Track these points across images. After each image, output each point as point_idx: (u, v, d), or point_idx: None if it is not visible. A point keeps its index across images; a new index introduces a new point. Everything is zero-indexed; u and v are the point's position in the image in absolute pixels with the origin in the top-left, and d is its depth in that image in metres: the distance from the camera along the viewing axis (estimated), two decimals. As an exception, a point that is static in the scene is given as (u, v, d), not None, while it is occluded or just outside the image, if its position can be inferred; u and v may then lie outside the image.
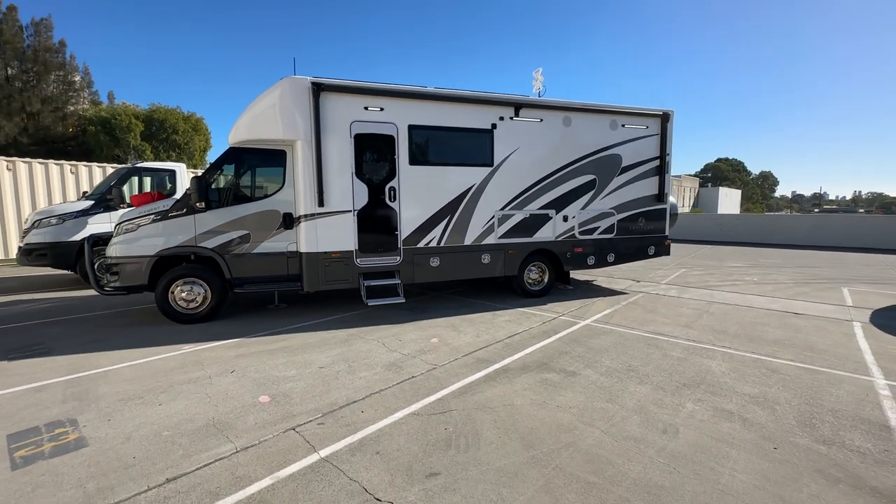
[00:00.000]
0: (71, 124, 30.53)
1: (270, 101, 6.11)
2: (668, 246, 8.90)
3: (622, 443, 3.05)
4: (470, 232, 7.19)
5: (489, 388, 3.98)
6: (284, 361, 4.64)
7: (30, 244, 8.60)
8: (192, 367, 4.45)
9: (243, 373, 4.31)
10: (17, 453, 2.89)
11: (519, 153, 7.39)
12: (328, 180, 6.23)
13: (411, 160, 6.71)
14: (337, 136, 6.25)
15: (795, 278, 10.38)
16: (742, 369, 4.47)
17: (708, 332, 5.84)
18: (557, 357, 4.82)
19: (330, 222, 6.32)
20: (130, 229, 5.91)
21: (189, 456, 2.85)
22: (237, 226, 6.14)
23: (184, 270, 5.99)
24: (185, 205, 5.95)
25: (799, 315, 6.77)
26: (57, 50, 27.93)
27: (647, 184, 8.43)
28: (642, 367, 4.54)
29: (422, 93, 6.71)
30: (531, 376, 4.27)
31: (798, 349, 5.12)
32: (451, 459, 2.84)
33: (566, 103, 7.66)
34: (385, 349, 5.06)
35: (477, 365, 4.56)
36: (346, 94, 6.25)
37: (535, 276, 7.99)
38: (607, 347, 5.17)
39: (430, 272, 7.01)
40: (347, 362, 4.62)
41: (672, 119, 8.47)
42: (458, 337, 5.56)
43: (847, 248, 18.05)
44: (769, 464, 2.81)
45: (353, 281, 6.56)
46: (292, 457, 2.84)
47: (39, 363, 4.61)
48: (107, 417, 3.38)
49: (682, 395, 3.84)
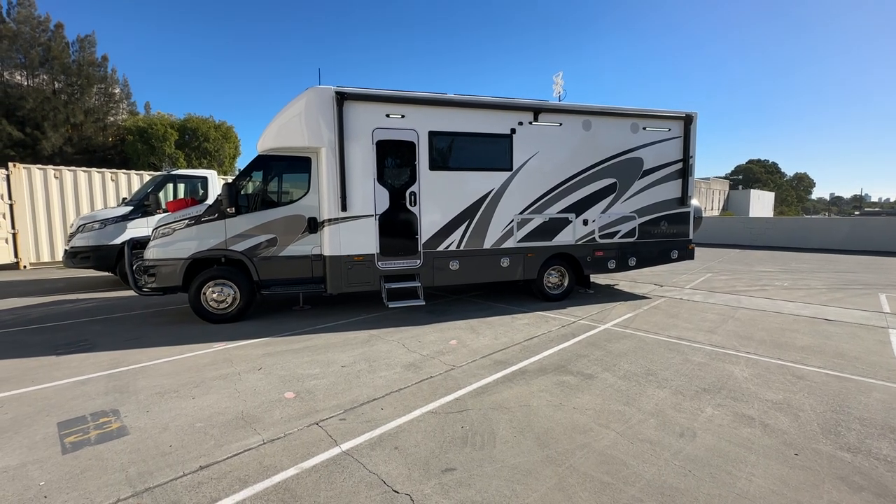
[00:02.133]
0: (111, 134, 32.09)
1: (296, 111, 6.37)
2: (692, 250, 8.74)
3: (637, 445, 3.07)
4: (489, 236, 7.27)
5: (506, 389, 4.05)
6: (309, 360, 4.83)
7: (75, 247, 9.18)
8: (222, 364, 4.69)
9: (270, 370, 4.52)
10: (67, 439, 3.14)
11: (538, 157, 7.43)
12: (351, 186, 6.43)
13: (431, 165, 6.85)
14: (360, 143, 6.45)
15: (830, 284, 9.99)
16: (766, 375, 4.39)
17: (732, 337, 5.73)
18: (575, 360, 4.84)
19: (353, 226, 6.52)
20: (167, 233, 6.26)
21: (220, 446, 3.03)
22: (265, 230, 6.41)
23: (215, 272, 6.30)
24: (216, 210, 6.26)
25: (831, 322, 6.55)
26: (99, 64, 29.50)
27: (669, 187, 8.32)
28: (661, 371, 4.51)
29: (442, 99, 6.85)
30: (548, 378, 4.31)
31: (827, 356, 4.97)
32: (466, 456, 2.92)
33: (586, 107, 7.66)
34: (405, 350, 5.19)
35: (494, 366, 4.63)
36: (369, 102, 6.46)
37: (555, 279, 7.99)
38: (626, 351, 5.14)
39: (449, 275, 7.12)
40: (368, 362, 4.76)
41: (695, 121, 8.34)
42: (477, 339, 5.64)
43: (888, 252, 17.19)
44: (789, 469, 2.78)
45: (374, 283, 6.73)
46: (315, 449, 2.99)
47: (84, 358, 4.94)
48: (145, 409, 3.62)
49: (702, 400, 3.81)
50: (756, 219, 24.24)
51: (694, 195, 8.65)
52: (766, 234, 20.23)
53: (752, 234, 20.42)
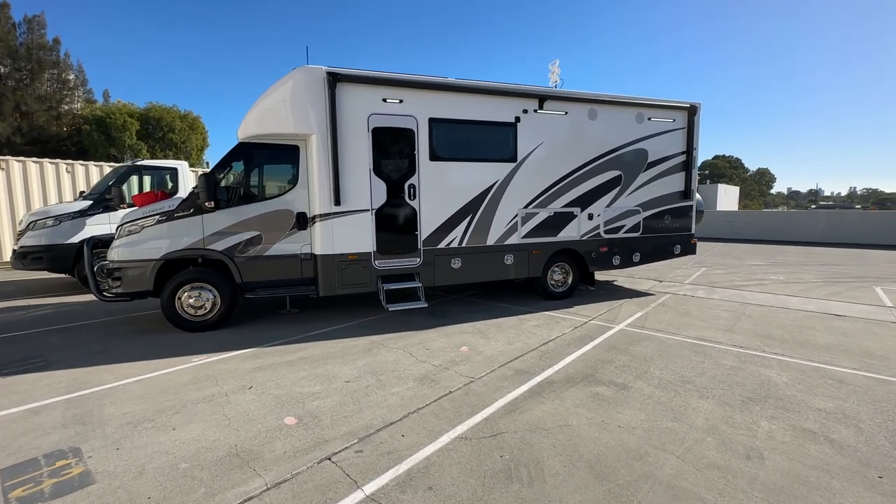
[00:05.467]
0: (66, 123, 29.97)
1: (282, 94, 5.70)
2: (694, 245, 8.56)
3: (705, 472, 2.68)
4: (493, 231, 6.81)
5: (537, 404, 3.60)
6: (306, 375, 4.25)
7: (24, 247, 8.16)
8: (205, 383, 4.06)
9: (263, 388, 3.92)
10: (13, 494, 2.49)
11: (543, 148, 7.00)
12: (344, 177, 5.83)
13: (432, 156, 6.31)
14: (354, 130, 5.85)
15: (822, 277, 10.04)
16: (805, 380, 4.11)
17: (753, 336, 5.48)
18: (601, 367, 4.45)
19: (347, 222, 5.92)
20: (134, 231, 5.50)
21: (213, 495, 2.46)
22: (248, 226, 5.74)
23: (191, 275, 5.58)
24: (192, 204, 5.54)
25: (840, 317, 6.43)
26: (51, 48, 27.35)
27: (673, 179, 8.07)
28: (697, 378, 4.17)
29: (443, 84, 6.31)
30: (580, 390, 3.89)
31: (855, 356, 4.77)
32: (515, 496, 2.46)
33: (592, 95, 7.28)
34: (413, 359, 4.68)
35: (517, 377, 4.18)
36: (364, 84, 5.85)
37: (559, 277, 7.61)
38: (652, 355, 4.79)
39: (451, 274, 6.62)
40: (375, 375, 4.23)
41: (699, 112, 8.10)
42: (489, 345, 5.18)
43: (865, 244, 17.74)
44: (882, 498, 2.45)
45: (370, 284, 6.17)
46: (333, 495, 2.46)
47: (37, 379, 4.20)
48: (115, 446, 2.99)
49: (752, 412, 3.47)
50: (738, 213, 24.76)
51: (696, 188, 8.44)
52: (748, 227, 20.62)
53: (734, 228, 20.77)
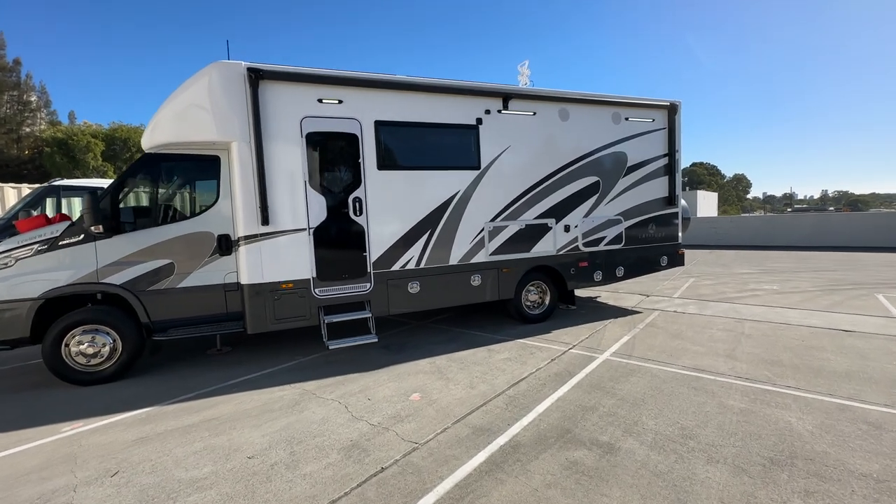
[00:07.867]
0: (27, 146, 28.60)
1: (195, 94, 4.79)
2: (681, 255, 7.80)
3: None
4: (455, 249, 5.93)
5: (496, 486, 2.67)
6: (201, 447, 3.25)
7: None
8: (57, 468, 3.02)
9: (131, 475, 2.91)
10: None
11: (510, 153, 6.20)
12: (274, 191, 4.91)
13: (380, 164, 5.45)
14: (283, 135, 4.96)
15: (819, 285, 9.38)
16: (834, 426, 3.28)
17: (758, 363, 4.67)
18: (582, 418, 3.55)
19: (279, 244, 4.99)
20: (6, 264, 4.45)
21: None
22: (156, 253, 4.76)
23: (81, 315, 4.54)
24: (81, 230, 4.53)
25: (850, 333, 5.69)
26: (11, 69, 26.11)
27: (655, 185, 7.34)
28: (700, 429, 3.30)
29: (390, 81, 5.48)
30: (553, 457, 2.97)
31: (883, 386, 3.98)
32: None
33: (562, 93, 6.53)
34: (347, 416, 3.71)
35: (474, 439, 3.25)
36: (294, 83, 4.98)
37: (535, 297, 6.75)
38: (643, 397, 3.92)
39: (408, 300, 5.70)
40: (291, 445, 3.25)
41: (680, 111, 7.45)
42: (447, 389, 4.25)
43: (851, 247, 17.37)
44: None
45: (310, 317, 5.21)
46: None
47: None
48: None
49: (780, 484, 2.60)
50: (721, 218, 24.48)
51: (680, 193, 7.73)
52: (732, 233, 20.21)
53: (718, 234, 20.34)
